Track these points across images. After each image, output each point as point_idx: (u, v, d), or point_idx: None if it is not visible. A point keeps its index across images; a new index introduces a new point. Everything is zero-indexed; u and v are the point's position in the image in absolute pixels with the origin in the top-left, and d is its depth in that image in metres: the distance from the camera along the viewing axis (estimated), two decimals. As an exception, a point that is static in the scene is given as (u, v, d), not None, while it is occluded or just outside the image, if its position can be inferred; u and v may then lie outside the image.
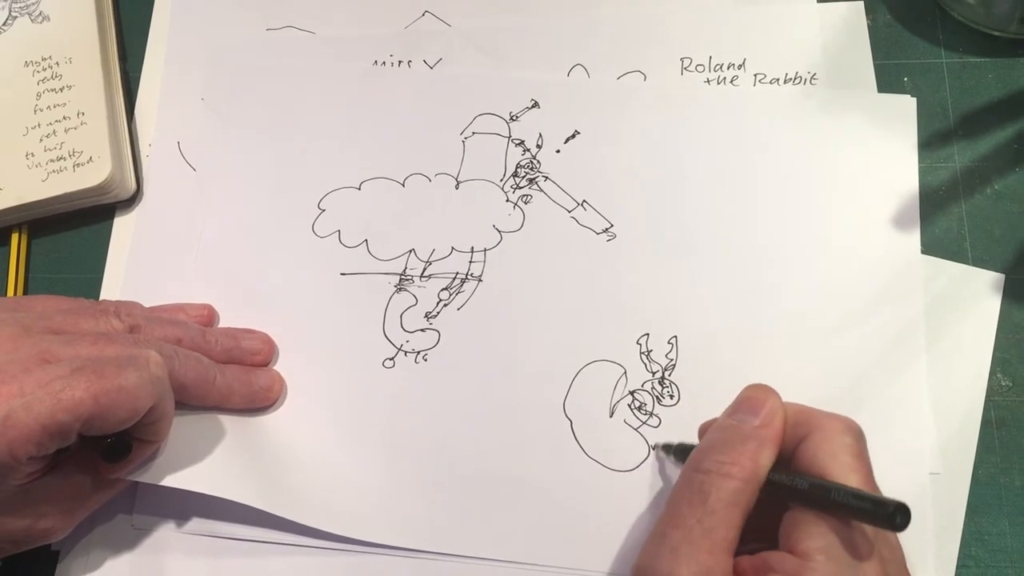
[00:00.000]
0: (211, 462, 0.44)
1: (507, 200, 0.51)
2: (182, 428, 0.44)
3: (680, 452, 0.43)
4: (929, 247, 0.48)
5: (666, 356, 0.47)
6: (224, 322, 0.50)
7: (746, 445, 0.36)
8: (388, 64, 0.55)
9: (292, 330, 0.49)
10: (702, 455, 0.37)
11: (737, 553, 0.35)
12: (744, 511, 0.35)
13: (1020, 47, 0.51)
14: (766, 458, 0.36)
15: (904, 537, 0.42)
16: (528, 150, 0.52)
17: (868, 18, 0.53)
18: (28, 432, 0.36)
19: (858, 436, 0.37)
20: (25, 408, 0.36)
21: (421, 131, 0.53)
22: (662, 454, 0.45)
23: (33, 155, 0.52)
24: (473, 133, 0.52)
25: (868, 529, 0.34)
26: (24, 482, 0.39)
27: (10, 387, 0.36)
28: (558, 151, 0.52)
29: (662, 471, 0.45)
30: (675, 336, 0.47)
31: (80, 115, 0.53)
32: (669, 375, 0.47)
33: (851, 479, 0.35)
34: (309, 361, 0.49)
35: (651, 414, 0.46)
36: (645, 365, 0.47)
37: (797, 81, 0.52)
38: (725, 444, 0.37)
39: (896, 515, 0.32)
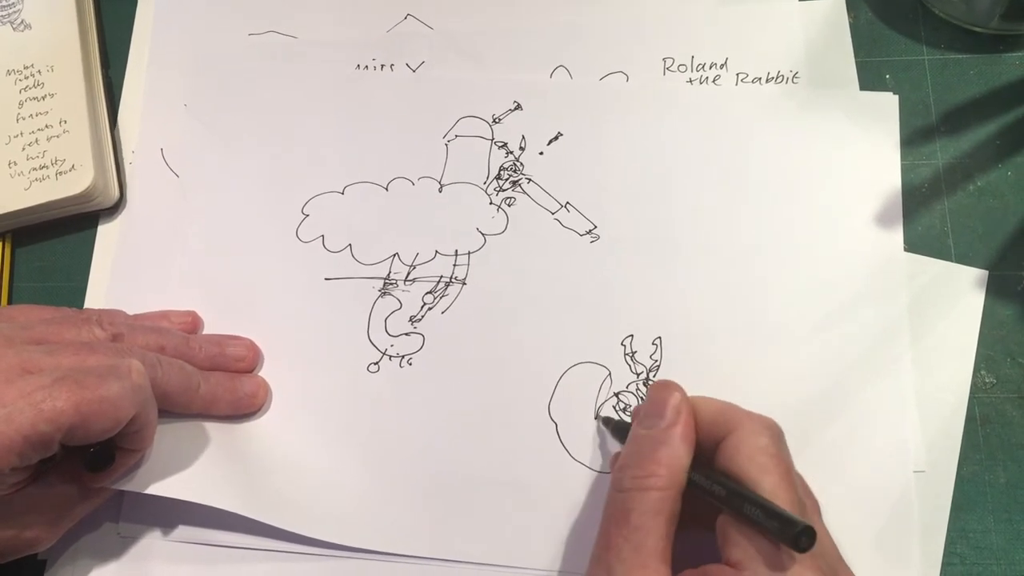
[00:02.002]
0: (196, 469, 0.44)
1: (490, 203, 0.51)
2: (167, 436, 0.44)
3: (617, 429, 0.44)
4: (912, 244, 0.48)
5: (651, 357, 0.47)
6: (209, 328, 0.50)
7: (658, 452, 0.37)
8: (371, 68, 0.55)
9: (277, 336, 0.49)
10: (620, 473, 0.38)
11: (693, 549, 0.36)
12: (668, 517, 0.36)
13: (1002, 43, 0.52)
14: (680, 458, 0.37)
15: (889, 535, 0.43)
16: (511, 152, 0.52)
17: (849, 16, 0.53)
18: (9, 443, 0.36)
19: (775, 436, 0.37)
20: (6, 419, 0.36)
21: (404, 135, 0.53)
22: (603, 427, 0.45)
23: (15, 164, 0.52)
24: (456, 136, 0.52)
25: None
26: (8, 492, 0.39)
27: None
28: (541, 153, 0.52)
29: (602, 446, 0.45)
30: (659, 337, 0.47)
31: (62, 123, 0.53)
32: (654, 376, 0.47)
33: (765, 481, 0.35)
34: (294, 367, 0.48)
35: (636, 415, 0.46)
36: (630, 366, 0.47)
37: (779, 80, 0.52)
38: (638, 456, 0.37)
39: (801, 537, 0.32)
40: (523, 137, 0.52)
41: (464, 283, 0.49)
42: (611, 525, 0.36)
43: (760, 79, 0.52)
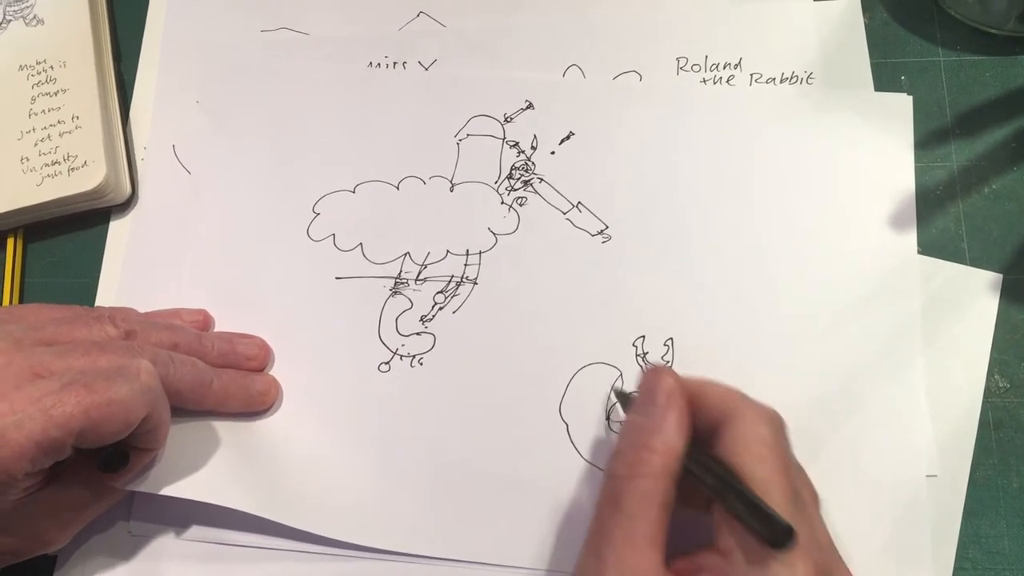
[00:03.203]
0: (208, 469, 0.44)
1: (502, 202, 0.51)
2: (179, 435, 0.44)
3: (624, 401, 0.43)
4: (926, 247, 0.48)
5: (662, 358, 0.47)
6: (220, 326, 0.50)
7: (651, 440, 0.37)
8: (383, 65, 0.55)
9: (287, 334, 0.49)
10: (613, 459, 0.38)
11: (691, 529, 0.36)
12: (661, 504, 0.35)
13: (1018, 45, 0.51)
14: (673, 445, 0.36)
15: (901, 540, 0.43)
16: (523, 152, 0.51)
17: (865, 16, 0.52)
18: (21, 450, 0.36)
19: (775, 426, 0.37)
20: (16, 426, 0.36)
21: (415, 133, 0.52)
22: (614, 399, 0.46)
23: (28, 159, 0.52)
24: (467, 135, 0.52)
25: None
26: (22, 496, 0.39)
27: (1, 405, 0.36)
28: (553, 152, 0.51)
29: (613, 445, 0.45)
30: (671, 338, 0.47)
31: (75, 119, 0.53)
32: (665, 378, 0.47)
33: (759, 470, 0.35)
34: (305, 365, 0.48)
35: (647, 417, 0.46)
36: (641, 367, 0.47)
37: (793, 80, 0.51)
38: (631, 445, 0.37)
39: (779, 536, 0.32)
40: (535, 136, 0.52)
41: (475, 283, 0.49)
42: (603, 511, 0.37)
43: (774, 79, 0.52)
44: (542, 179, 0.51)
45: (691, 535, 0.36)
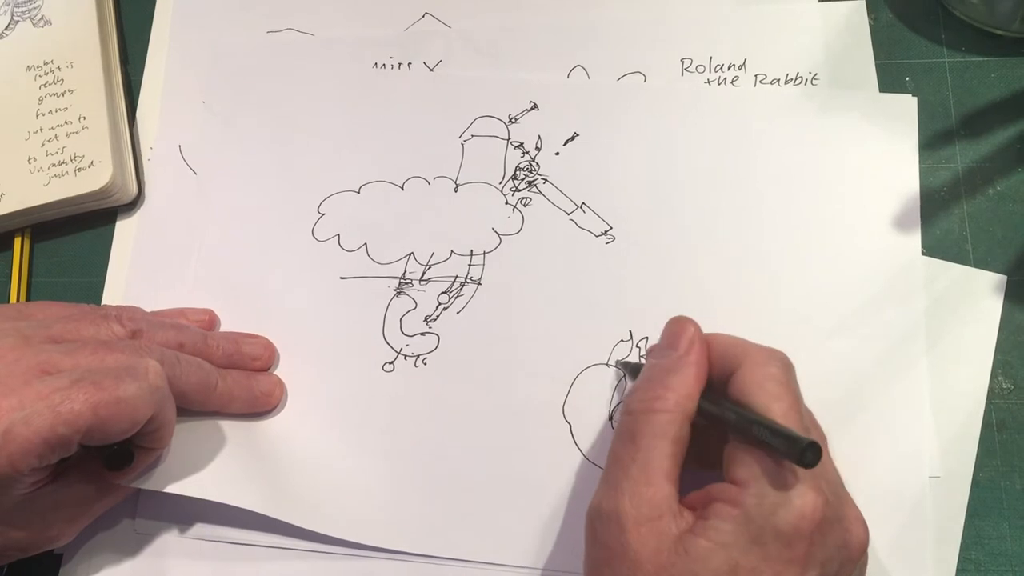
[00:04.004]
0: (213, 468, 0.44)
1: (506, 203, 0.51)
2: (184, 434, 0.44)
3: (635, 372, 0.44)
4: (930, 248, 0.48)
5: (665, 359, 0.47)
6: (225, 326, 0.50)
7: (667, 378, 0.38)
8: (388, 66, 0.55)
9: (292, 335, 0.49)
10: (629, 397, 0.39)
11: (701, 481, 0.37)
12: (675, 439, 0.37)
13: (1023, 46, 0.51)
14: (689, 386, 0.38)
15: (904, 540, 0.43)
16: (527, 152, 0.52)
17: (870, 17, 0.52)
18: (29, 445, 0.36)
19: (785, 366, 0.38)
20: (25, 422, 0.36)
21: (420, 134, 0.53)
22: (620, 370, 0.46)
23: (35, 159, 0.53)
24: (472, 136, 0.52)
25: None
26: (28, 491, 0.39)
27: (10, 400, 0.36)
28: (557, 153, 0.51)
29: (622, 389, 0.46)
30: (675, 339, 0.47)
31: (81, 119, 0.53)
32: (668, 378, 0.47)
33: (774, 407, 0.36)
34: (309, 365, 0.49)
35: (650, 417, 0.46)
36: (644, 368, 0.47)
37: (798, 81, 0.52)
38: (648, 382, 0.39)
39: (806, 452, 0.33)
40: (539, 137, 0.52)
41: (479, 283, 0.49)
42: (619, 446, 0.38)
43: (779, 80, 0.52)
44: (546, 180, 0.51)
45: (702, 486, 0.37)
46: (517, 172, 0.51)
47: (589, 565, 0.38)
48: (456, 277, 0.50)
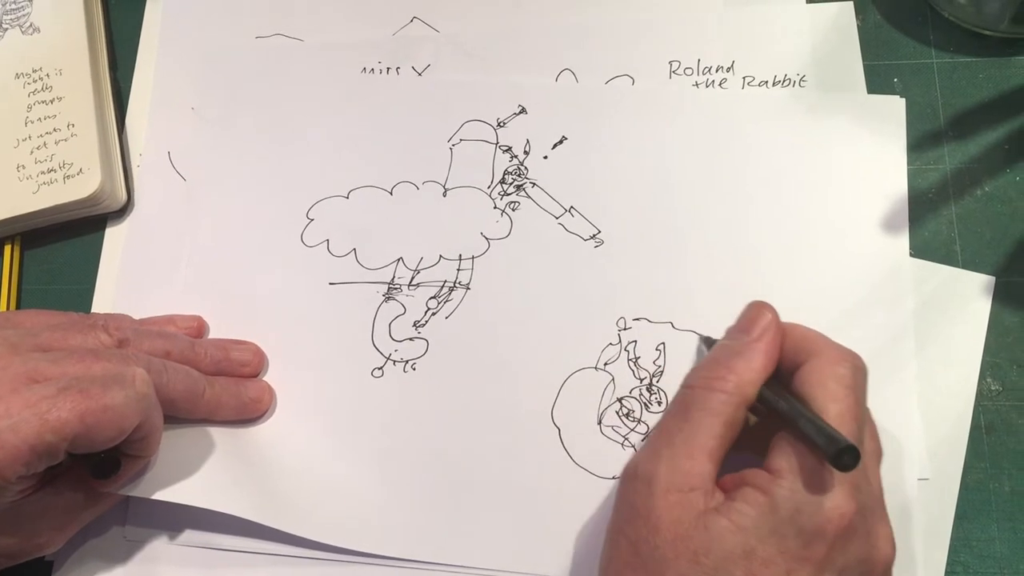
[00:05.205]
0: (202, 474, 0.44)
1: (495, 207, 0.51)
2: (173, 441, 0.44)
3: (710, 346, 0.44)
4: (918, 250, 0.48)
5: (654, 363, 0.47)
6: (214, 332, 0.50)
7: (732, 361, 0.38)
8: (376, 71, 0.55)
9: (281, 340, 0.49)
10: (692, 373, 0.39)
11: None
12: (727, 421, 0.37)
13: (1011, 46, 0.51)
14: (753, 372, 0.38)
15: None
16: (515, 156, 0.52)
17: (858, 18, 0.52)
18: (15, 453, 0.36)
19: (856, 369, 0.38)
20: (12, 429, 0.36)
21: (409, 139, 0.53)
22: (703, 347, 0.46)
23: (24, 167, 0.53)
24: (460, 140, 0.52)
25: None
26: (16, 499, 0.39)
27: None
28: (546, 157, 0.51)
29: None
30: (663, 342, 0.47)
31: (70, 127, 0.53)
32: (657, 381, 0.47)
33: (831, 408, 0.36)
34: (298, 371, 0.49)
35: (639, 421, 0.46)
36: (633, 372, 0.47)
37: (786, 83, 0.51)
38: (713, 361, 0.39)
39: (844, 454, 0.33)
40: (527, 141, 0.52)
41: (468, 288, 0.49)
42: (670, 416, 0.38)
43: (767, 82, 0.52)
44: (535, 184, 0.51)
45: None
46: (505, 176, 0.51)
47: (612, 524, 0.38)
48: (445, 282, 0.50)
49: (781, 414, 0.36)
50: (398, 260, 0.50)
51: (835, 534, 0.34)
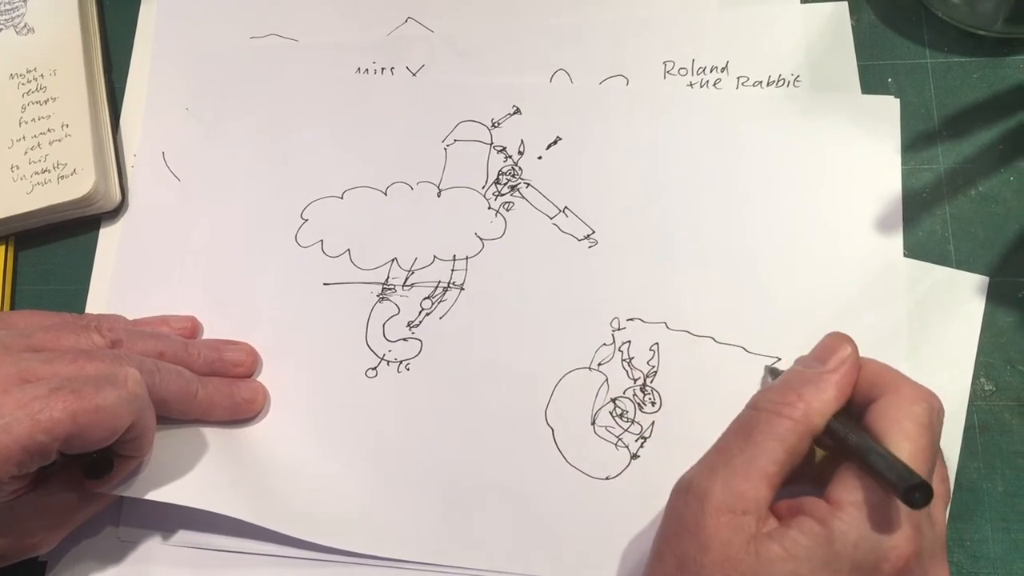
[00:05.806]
0: (195, 475, 0.44)
1: (489, 208, 0.51)
2: (166, 441, 0.44)
3: (776, 376, 0.43)
4: (912, 250, 0.48)
5: (648, 363, 0.47)
6: (208, 332, 0.50)
7: (803, 388, 0.37)
8: (371, 71, 0.55)
9: (275, 341, 0.49)
10: (760, 395, 0.39)
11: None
12: (790, 449, 0.36)
13: (1005, 46, 0.51)
14: (823, 402, 0.37)
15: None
16: (510, 157, 0.52)
17: (852, 18, 0.52)
18: (7, 452, 0.36)
19: (931, 410, 0.37)
20: (4, 429, 0.36)
21: (403, 139, 0.53)
22: (768, 377, 0.46)
23: (18, 167, 0.53)
24: (455, 140, 0.52)
25: None
26: (8, 499, 0.39)
27: None
28: (540, 157, 0.51)
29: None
30: (656, 343, 0.47)
31: (64, 127, 0.53)
32: (651, 382, 0.47)
33: (904, 446, 0.35)
34: (292, 372, 0.49)
35: (633, 421, 0.46)
36: (627, 372, 0.47)
37: (780, 83, 0.51)
38: (784, 385, 0.38)
39: (916, 491, 0.32)
40: (522, 141, 0.52)
41: (462, 288, 0.49)
42: (732, 435, 0.38)
43: (761, 82, 0.52)
44: (529, 184, 0.51)
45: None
46: (500, 176, 0.51)
47: (659, 536, 0.38)
48: (439, 282, 0.50)
49: (850, 446, 0.35)
50: (392, 260, 0.50)
51: (890, 573, 0.33)
